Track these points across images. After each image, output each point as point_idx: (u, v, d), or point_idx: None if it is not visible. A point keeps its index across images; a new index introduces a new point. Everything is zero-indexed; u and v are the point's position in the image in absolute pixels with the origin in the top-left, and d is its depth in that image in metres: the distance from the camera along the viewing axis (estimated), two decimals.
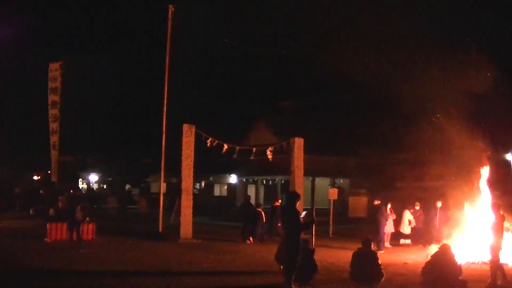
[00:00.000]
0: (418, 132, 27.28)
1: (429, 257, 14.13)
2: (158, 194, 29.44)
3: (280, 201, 29.09)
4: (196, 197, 30.41)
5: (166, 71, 27.43)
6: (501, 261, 16.16)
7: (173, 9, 27.56)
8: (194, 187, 32.98)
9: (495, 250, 16.10)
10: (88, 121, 66.51)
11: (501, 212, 16.66)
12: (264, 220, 27.88)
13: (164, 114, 27.30)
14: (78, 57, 58.73)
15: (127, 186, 67.87)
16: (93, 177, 72.04)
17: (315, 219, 17.18)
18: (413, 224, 27.79)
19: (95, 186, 75.33)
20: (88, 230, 24.61)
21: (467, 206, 24.40)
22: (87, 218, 24.36)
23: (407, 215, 27.93)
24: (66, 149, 49.36)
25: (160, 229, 26.76)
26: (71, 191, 33.69)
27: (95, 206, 41.75)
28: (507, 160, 50.38)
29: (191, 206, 26.03)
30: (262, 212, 28.05)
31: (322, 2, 25.25)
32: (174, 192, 30.01)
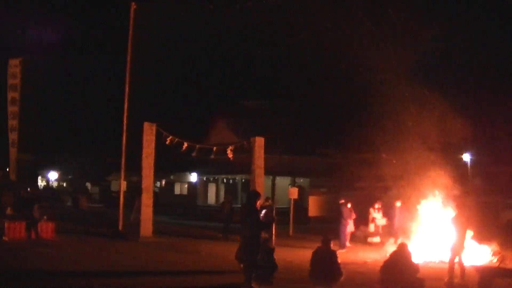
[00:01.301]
0: (378, 132, 27.55)
1: (387, 256, 14.28)
2: (119, 192, 29.30)
3: (270, 201, 29.34)
4: (156, 195, 30.37)
5: (128, 69, 27.34)
6: (462, 260, 16.42)
7: (135, 6, 27.45)
8: (154, 186, 32.92)
9: (456, 248, 16.36)
10: (49, 118, 65.90)
11: (464, 213, 16.96)
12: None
13: (125, 112, 27.20)
14: (38, 54, 58.15)
15: (88, 184, 67.42)
16: (53, 175, 71.41)
17: (275, 218, 17.27)
18: (382, 222, 28.17)
19: (54, 184, 74.70)
20: (47, 228, 24.36)
21: (425, 205, 24.75)
22: (45, 217, 24.15)
23: (372, 214, 28.30)
24: (25, 147, 48.88)
25: (121, 228, 26.66)
26: (28, 189, 33.36)
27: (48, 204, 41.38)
28: (464, 160, 51.18)
29: (152, 204, 26.00)
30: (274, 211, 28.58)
31: (289, 3, 25.39)
32: (135, 191, 29.93)
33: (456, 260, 16.37)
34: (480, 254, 21.60)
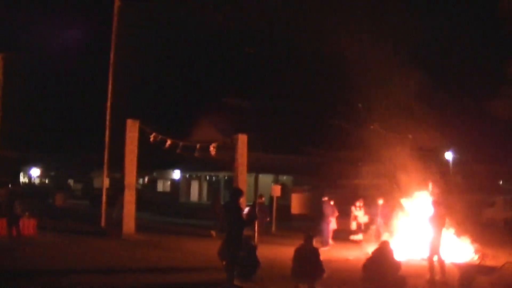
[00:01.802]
0: (360, 130, 27.66)
1: (369, 253, 14.36)
2: (101, 189, 29.23)
3: (263, 198, 29.38)
4: (139, 192, 30.31)
5: (111, 66, 27.27)
6: (442, 257, 16.52)
7: (119, 2, 27.38)
8: (137, 183, 32.85)
9: (434, 246, 16.46)
10: (32, 115, 65.55)
11: (441, 211, 17.06)
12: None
13: (108, 109, 27.15)
14: (21, 50, 57.88)
15: (70, 181, 67.21)
16: (35, 172, 71.11)
17: (258, 216, 17.28)
18: (365, 219, 28.30)
19: (36, 181, 74.41)
20: (28, 225, 24.23)
21: (407, 203, 24.87)
22: (27, 213, 24.02)
23: (354, 212, 28.42)
24: (7, 144, 48.61)
25: (103, 225, 26.59)
26: (9, 185, 33.21)
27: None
28: (446, 158, 51.45)
29: (134, 201, 25.95)
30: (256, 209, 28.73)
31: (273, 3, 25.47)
32: (117, 187, 29.87)
33: (436, 258, 16.46)
34: (461, 252, 21.76)
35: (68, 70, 68.86)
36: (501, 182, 62.33)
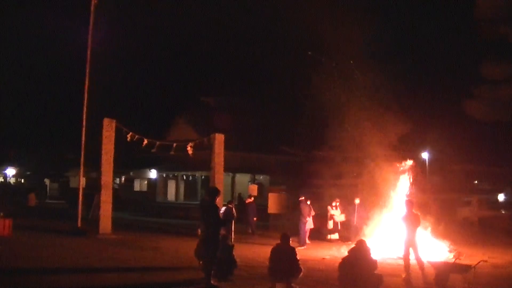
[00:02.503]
0: (337, 130, 27.79)
1: (346, 252, 14.41)
2: (78, 188, 29.06)
3: (253, 198, 29.39)
4: (116, 192, 30.22)
5: (88, 65, 27.11)
6: (420, 256, 16.63)
7: (96, 1, 27.23)
8: (114, 182, 32.74)
9: (408, 245, 16.58)
10: (8, 114, 65.18)
11: (414, 210, 17.18)
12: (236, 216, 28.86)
13: (85, 108, 26.98)
14: None
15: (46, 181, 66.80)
16: (10, 171, 70.58)
17: (235, 215, 17.27)
18: (341, 218, 28.42)
19: (12, 180, 73.86)
20: (4, 225, 24.01)
21: (383, 202, 25.01)
22: (1, 213, 23.82)
23: (330, 211, 28.54)
24: None
25: (79, 225, 26.45)
26: None
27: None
28: (422, 158, 51.75)
29: (111, 201, 25.84)
30: (234, 209, 28.71)
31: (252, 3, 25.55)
32: (94, 187, 29.75)
33: (412, 256, 16.57)
34: (437, 250, 21.93)
35: (44, 69, 68.56)
36: (476, 182, 62.83)
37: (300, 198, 27.05)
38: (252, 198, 29.25)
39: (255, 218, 29.92)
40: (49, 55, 70.73)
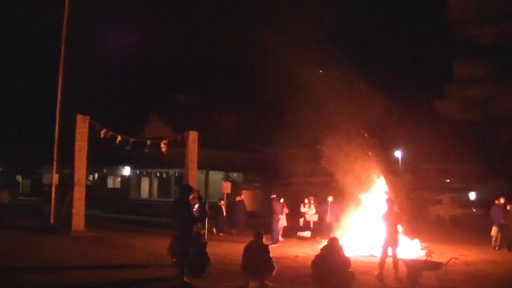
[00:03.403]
0: (310, 128, 27.87)
1: (319, 250, 14.47)
2: (51, 185, 28.84)
3: (242, 196, 29.43)
4: (89, 189, 30.07)
5: (61, 61, 26.93)
6: (396, 254, 16.75)
7: None
8: (87, 179, 32.58)
9: (387, 244, 16.68)
10: None
11: (395, 209, 17.30)
12: (225, 214, 29.64)
13: (58, 104, 26.80)
14: None
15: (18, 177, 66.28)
16: None
17: (208, 212, 17.25)
18: (314, 218, 28.54)
19: None
20: None
21: (356, 200, 25.15)
22: None
23: (302, 209, 28.67)
24: None
25: (52, 222, 26.27)
26: None
27: None
28: (395, 157, 52.13)
29: (84, 198, 25.71)
30: (223, 206, 29.50)
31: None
32: (67, 184, 29.56)
33: (390, 254, 16.68)
34: (409, 248, 22.12)
35: (16, 65, 68.00)
36: (448, 180, 63.38)
37: (272, 196, 27.16)
38: (242, 196, 29.30)
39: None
40: (22, 51, 70.10)
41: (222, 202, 30.73)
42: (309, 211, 28.72)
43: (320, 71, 27.31)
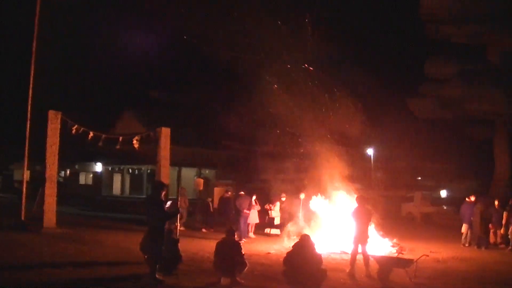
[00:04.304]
0: (282, 126, 27.93)
1: (290, 247, 14.52)
2: (22, 182, 28.61)
3: (230, 193, 29.40)
4: (60, 185, 29.86)
5: (33, 56, 26.72)
6: (367, 251, 16.87)
7: None
8: (59, 175, 32.38)
9: (357, 240, 16.79)
10: None
11: (366, 206, 17.40)
12: (212, 210, 30.09)
13: (30, 99, 26.59)
14: None
15: None
16: None
17: (180, 209, 17.22)
18: (277, 221, 28.68)
19: None
20: None
21: (328, 198, 25.28)
22: None
23: (271, 206, 28.79)
24: None
25: (23, 219, 26.06)
26: None
27: None
28: (368, 154, 52.41)
29: (55, 194, 25.54)
30: (211, 204, 30.17)
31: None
32: (38, 180, 29.34)
33: (360, 251, 16.78)
34: (380, 245, 22.28)
35: None
36: (419, 178, 63.89)
37: (240, 193, 27.29)
38: (230, 193, 29.23)
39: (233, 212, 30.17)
40: None
41: (209, 199, 30.90)
42: (273, 207, 28.88)
43: (306, 67, 27.42)
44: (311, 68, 26.43)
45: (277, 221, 28.75)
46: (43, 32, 27.42)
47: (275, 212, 28.79)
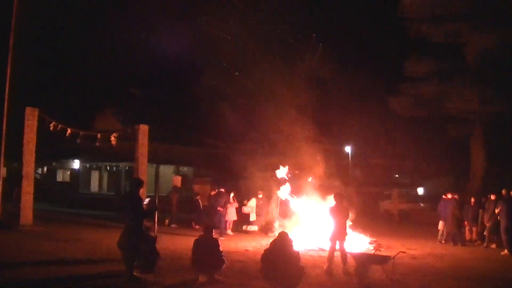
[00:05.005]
0: (260, 123, 27.99)
1: (268, 244, 14.54)
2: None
3: (217, 190, 29.42)
4: (37, 182, 29.72)
5: (10, 52, 26.53)
6: (345, 248, 16.94)
7: None
8: (36, 173, 32.20)
9: (335, 237, 16.85)
10: None
11: (344, 203, 17.45)
12: (201, 207, 30.20)
13: (6, 96, 26.40)
14: None
15: None
16: None
17: (157, 206, 17.13)
18: (248, 210, 28.77)
19: None
20: None
21: (306, 195, 25.37)
22: None
23: (245, 203, 28.90)
24: None
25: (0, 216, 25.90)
26: None
27: None
28: (346, 152, 52.59)
29: (32, 192, 25.41)
30: (200, 201, 30.33)
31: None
32: (15, 178, 29.17)
33: (337, 248, 16.85)
34: (358, 242, 22.39)
35: None
36: (397, 176, 64.26)
37: (220, 190, 27.39)
38: (216, 190, 29.16)
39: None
40: None
41: (198, 196, 30.88)
42: (248, 204, 28.95)
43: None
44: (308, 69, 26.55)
45: (252, 218, 28.81)
46: (20, 28, 27.24)
47: (249, 208, 28.85)
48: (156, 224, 19.49)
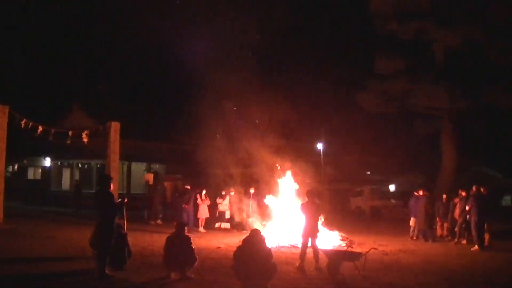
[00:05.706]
0: (232, 120, 28.01)
1: (240, 241, 14.56)
2: None
3: (189, 186, 29.35)
4: (8, 180, 29.50)
5: None
6: (317, 245, 17.01)
7: None
8: (6, 170, 31.95)
9: (307, 234, 16.92)
10: None
11: (315, 200, 17.52)
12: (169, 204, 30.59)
13: None
14: None
15: None
16: None
17: (126, 198, 16.91)
18: (225, 208, 28.78)
19: None
20: None
21: (277, 192, 25.42)
22: None
23: (218, 200, 28.91)
24: None
25: None
26: None
27: None
28: (318, 149, 52.79)
29: (3, 190, 25.24)
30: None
31: None
32: None
33: (310, 244, 16.92)
34: (330, 239, 22.48)
35: None
36: (368, 173, 64.60)
37: (185, 187, 27.48)
38: (189, 186, 29.03)
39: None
40: None
41: (176, 194, 30.85)
42: (223, 202, 28.97)
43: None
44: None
45: (227, 215, 28.85)
46: None
47: (225, 206, 28.87)
48: (126, 220, 19.45)
